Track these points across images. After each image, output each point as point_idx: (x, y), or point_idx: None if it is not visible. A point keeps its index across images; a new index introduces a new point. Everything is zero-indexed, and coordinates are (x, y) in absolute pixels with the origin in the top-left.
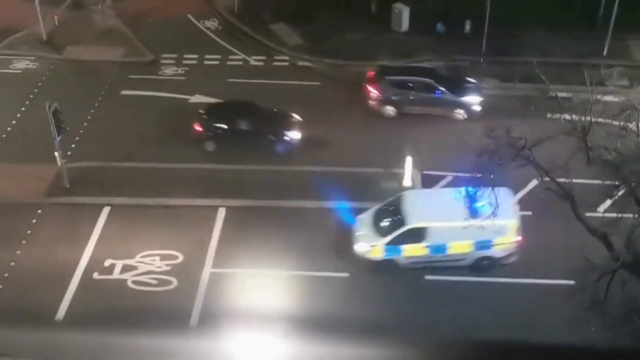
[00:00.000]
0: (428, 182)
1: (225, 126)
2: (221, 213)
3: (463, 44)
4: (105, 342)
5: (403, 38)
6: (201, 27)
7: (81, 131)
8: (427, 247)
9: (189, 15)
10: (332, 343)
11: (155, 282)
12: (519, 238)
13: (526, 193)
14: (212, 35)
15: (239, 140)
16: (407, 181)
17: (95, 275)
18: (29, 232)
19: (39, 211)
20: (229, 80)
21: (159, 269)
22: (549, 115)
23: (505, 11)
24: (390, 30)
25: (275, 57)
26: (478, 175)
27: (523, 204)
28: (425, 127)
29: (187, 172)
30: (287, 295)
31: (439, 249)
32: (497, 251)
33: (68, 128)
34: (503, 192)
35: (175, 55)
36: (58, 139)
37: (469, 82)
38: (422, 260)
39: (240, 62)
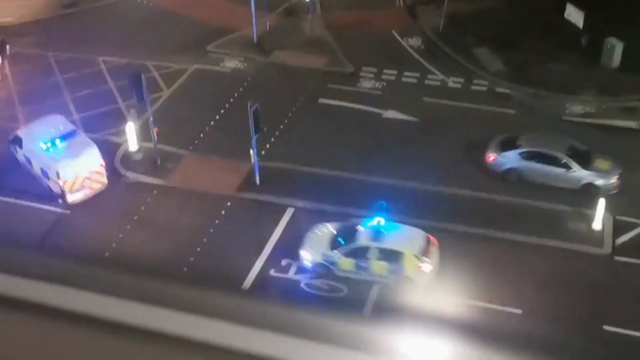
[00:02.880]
0: (619, 229)
1: None
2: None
3: None
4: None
5: (612, 75)
6: (404, 44)
7: (277, 133)
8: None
9: (394, 32)
10: None
11: (327, 287)
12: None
13: None
14: (413, 53)
15: None
16: (597, 224)
17: (272, 272)
18: (217, 221)
19: (229, 203)
20: (424, 99)
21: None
22: None
23: None
24: (599, 65)
25: (474, 81)
26: None
27: None
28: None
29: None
30: None
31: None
32: None
33: (265, 128)
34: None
35: (374, 69)
36: (255, 137)
37: None
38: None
39: (438, 83)
